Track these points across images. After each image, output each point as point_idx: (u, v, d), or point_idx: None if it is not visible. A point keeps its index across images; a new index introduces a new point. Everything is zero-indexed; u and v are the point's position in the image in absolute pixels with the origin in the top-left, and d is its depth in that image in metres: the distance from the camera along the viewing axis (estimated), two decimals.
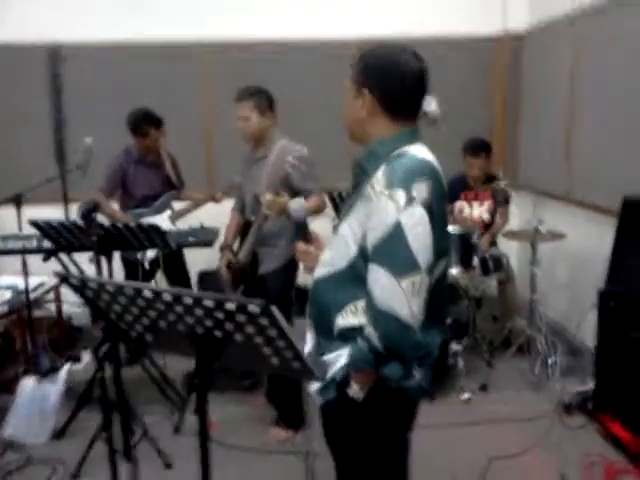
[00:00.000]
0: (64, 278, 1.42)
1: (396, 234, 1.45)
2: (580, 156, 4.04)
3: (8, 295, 3.68)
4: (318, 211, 3.04)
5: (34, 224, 2.80)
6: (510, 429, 3.18)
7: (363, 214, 1.53)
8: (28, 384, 3.19)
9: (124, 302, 1.42)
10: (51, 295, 4.11)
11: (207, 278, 4.85)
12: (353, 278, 1.55)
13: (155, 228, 2.87)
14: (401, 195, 1.46)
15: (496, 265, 3.97)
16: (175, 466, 2.91)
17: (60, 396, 3.23)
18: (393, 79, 1.57)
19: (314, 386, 1.66)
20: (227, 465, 2.91)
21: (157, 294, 1.33)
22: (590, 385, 3.29)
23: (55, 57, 4.73)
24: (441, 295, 1.67)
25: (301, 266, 1.83)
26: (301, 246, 1.80)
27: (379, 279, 1.47)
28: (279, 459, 2.95)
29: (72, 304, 4.23)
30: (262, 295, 3.07)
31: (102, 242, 2.85)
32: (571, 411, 3.28)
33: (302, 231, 1.79)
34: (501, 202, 4.30)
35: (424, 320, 1.53)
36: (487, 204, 4.35)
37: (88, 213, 2.39)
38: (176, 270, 4.09)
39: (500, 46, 4.99)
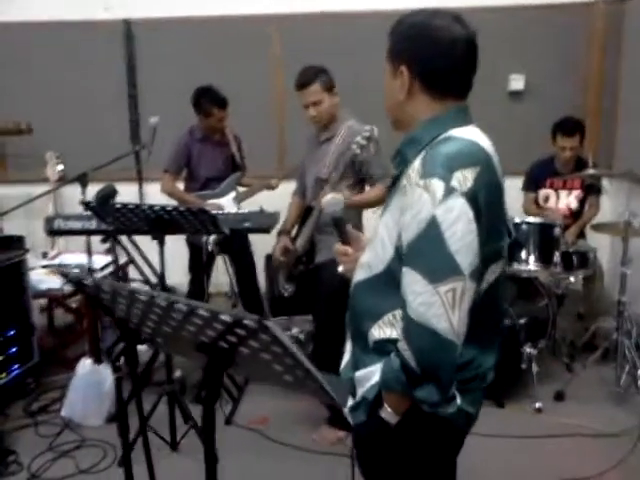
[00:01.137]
0: (64, 275, 1.31)
1: (431, 232, 1.24)
2: None
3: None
4: (378, 203, 2.82)
5: (86, 205, 2.75)
6: (587, 446, 2.86)
7: (398, 209, 1.33)
8: (86, 365, 3.20)
9: (124, 302, 1.29)
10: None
11: None
12: (391, 284, 1.35)
13: (205, 212, 2.75)
14: (438, 185, 1.24)
15: (581, 260, 3.60)
16: (222, 459, 2.81)
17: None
18: (431, 48, 1.34)
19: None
20: (274, 462, 2.81)
21: (151, 298, 1.18)
22: None
23: (129, 34, 4.73)
24: (496, 306, 1.44)
25: (339, 268, 1.64)
26: (338, 246, 1.61)
27: (412, 285, 1.27)
28: (328, 460, 2.79)
29: (141, 283, 4.26)
30: (316, 287, 2.95)
31: (154, 225, 2.78)
32: None
33: (339, 229, 1.60)
34: (593, 191, 3.91)
35: (478, 336, 1.32)
36: (576, 193, 3.97)
37: (105, 199, 2.28)
38: (240, 253, 4.01)
39: (595, 12, 4.50)
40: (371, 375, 1.40)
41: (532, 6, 4.48)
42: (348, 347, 1.54)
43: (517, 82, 4.55)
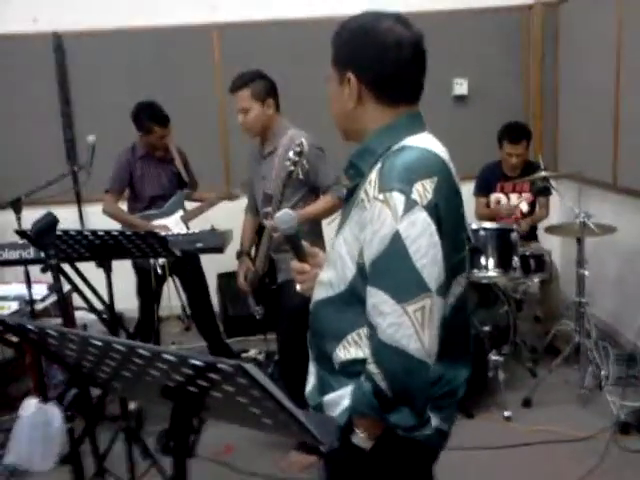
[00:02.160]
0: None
1: (395, 248, 1.18)
2: (629, 138, 3.64)
3: (15, 306, 3.48)
4: (332, 212, 2.73)
5: (21, 234, 2.53)
6: (559, 452, 2.82)
7: (357, 225, 1.27)
8: (31, 405, 2.95)
9: (75, 348, 1.13)
10: None
11: (227, 281, 4.57)
12: (354, 302, 1.29)
13: (154, 235, 2.59)
14: (398, 199, 1.18)
15: (538, 264, 3.59)
16: None
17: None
18: (377, 52, 1.27)
19: None
20: None
21: (108, 344, 1.04)
22: None
23: (59, 47, 4.49)
24: (463, 319, 1.40)
25: (297, 287, 1.54)
26: (295, 264, 1.52)
27: (379, 305, 1.20)
28: None
29: (87, 311, 4.02)
30: (279, 307, 2.82)
31: (99, 252, 2.60)
32: (629, 431, 2.89)
33: (294, 246, 1.50)
34: (542, 193, 3.93)
35: (446, 351, 1.27)
36: (526, 195, 3.98)
37: (44, 232, 2.06)
38: (191, 274, 3.83)
39: (533, 16, 4.55)
40: (340, 399, 1.34)
41: (473, 10, 4.50)
42: (312, 369, 1.46)
43: (461, 87, 4.55)
